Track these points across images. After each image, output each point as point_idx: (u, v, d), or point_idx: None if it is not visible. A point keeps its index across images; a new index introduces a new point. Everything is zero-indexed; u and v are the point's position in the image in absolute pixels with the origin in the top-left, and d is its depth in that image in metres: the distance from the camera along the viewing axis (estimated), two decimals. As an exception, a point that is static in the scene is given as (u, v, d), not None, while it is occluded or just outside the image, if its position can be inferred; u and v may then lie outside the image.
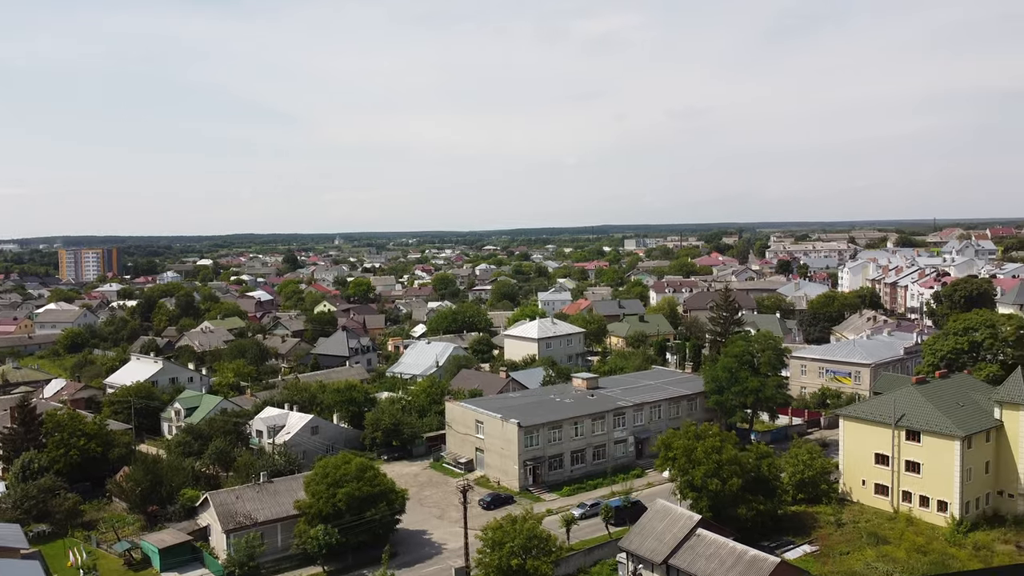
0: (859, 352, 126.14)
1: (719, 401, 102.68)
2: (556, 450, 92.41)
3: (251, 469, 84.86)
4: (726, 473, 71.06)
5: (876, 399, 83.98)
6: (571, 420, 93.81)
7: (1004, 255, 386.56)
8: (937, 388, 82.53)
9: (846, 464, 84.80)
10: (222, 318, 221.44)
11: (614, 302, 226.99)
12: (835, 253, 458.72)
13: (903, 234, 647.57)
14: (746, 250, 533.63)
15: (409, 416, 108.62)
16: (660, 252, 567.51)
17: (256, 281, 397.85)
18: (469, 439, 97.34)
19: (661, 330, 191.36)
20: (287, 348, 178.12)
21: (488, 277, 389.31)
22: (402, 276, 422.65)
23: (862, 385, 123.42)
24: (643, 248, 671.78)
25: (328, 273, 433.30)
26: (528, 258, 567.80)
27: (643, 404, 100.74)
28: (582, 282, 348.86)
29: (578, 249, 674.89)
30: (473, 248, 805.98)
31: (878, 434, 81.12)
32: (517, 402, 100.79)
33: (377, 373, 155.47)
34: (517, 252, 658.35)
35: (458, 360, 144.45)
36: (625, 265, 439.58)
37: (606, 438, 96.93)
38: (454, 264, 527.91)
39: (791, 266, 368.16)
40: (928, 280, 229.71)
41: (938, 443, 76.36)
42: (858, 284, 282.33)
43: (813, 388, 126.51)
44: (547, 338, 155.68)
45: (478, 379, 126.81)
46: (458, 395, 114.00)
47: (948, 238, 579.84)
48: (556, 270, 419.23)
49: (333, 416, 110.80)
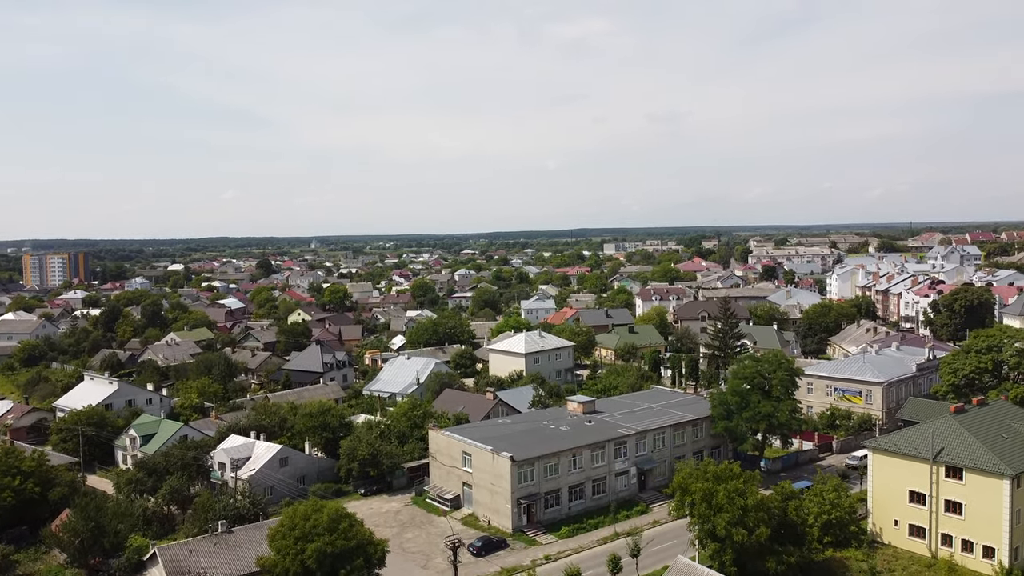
0: (869, 369, 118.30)
1: (728, 427, 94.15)
2: (552, 485, 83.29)
3: (210, 512, 74.88)
4: (752, 521, 62.37)
5: (910, 430, 75.78)
6: (568, 451, 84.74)
7: (988, 260, 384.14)
8: (977, 418, 74.48)
9: (876, 502, 76.47)
10: (189, 329, 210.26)
11: (601, 311, 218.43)
12: (818, 258, 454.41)
13: (883, 238, 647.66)
14: (728, 255, 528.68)
15: (388, 444, 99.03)
16: (641, 256, 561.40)
17: (228, 287, 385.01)
18: (455, 472, 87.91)
19: (652, 341, 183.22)
20: (257, 363, 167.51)
21: (468, 283, 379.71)
22: (379, 282, 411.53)
23: (873, 405, 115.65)
24: (623, 252, 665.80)
25: (303, 279, 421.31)
26: (507, 263, 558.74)
27: (646, 432, 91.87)
28: (564, 288, 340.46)
29: (557, 253, 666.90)
30: (451, 252, 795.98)
31: (913, 470, 72.83)
32: (507, 430, 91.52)
33: (353, 391, 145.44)
34: (496, 256, 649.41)
35: (440, 377, 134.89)
36: (607, 270, 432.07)
37: (606, 470, 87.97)
38: (432, 269, 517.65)
39: (776, 272, 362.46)
40: (922, 288, 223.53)
41: (984, 481, 68.17)
42: (848, 291, 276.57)
43: (821, 408, 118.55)
44: (534, 353, 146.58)
45: (463, 400, 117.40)
46: (442, 419, 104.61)
47: (929, 242, 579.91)
48: (537, 276, 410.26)
49: (305, 444, 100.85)
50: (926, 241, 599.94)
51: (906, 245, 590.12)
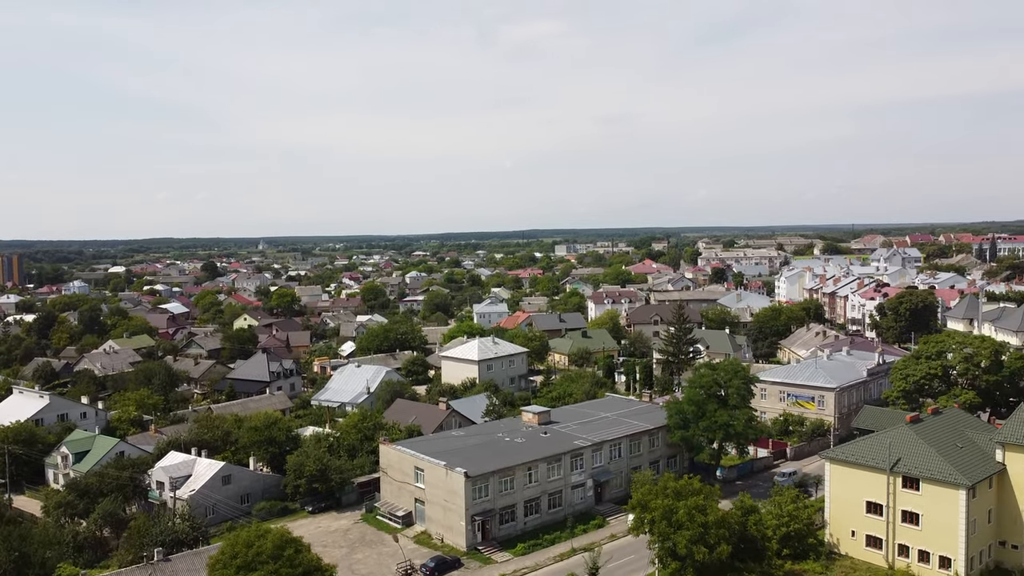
0: (822, 375, 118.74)
1: (685, 437, 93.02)
2: (508, 501, 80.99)
3: (146, 537, 70.73)
4: (713, 538, 60.97)
5: (867, 440, 75.42)
6: (524, 465, 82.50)
7: (928, 262, 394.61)
8: (933, 427, 74.45)
9: (833, 513, 75.91)
10: (129, 336, 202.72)
11: (554, 315, 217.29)
12: (766, 260, 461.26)
13: (827, 240, 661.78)
14: (678, 257, 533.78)
15: (337, 458, 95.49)
16: (592, 258, 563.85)
17: (171, 291, 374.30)
18: (407, 488, 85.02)
19: (606, 346, 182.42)
20: (201, 372, 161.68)
21: (419, 286, 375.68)
22: (329, 285, 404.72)
23: (826, 410, 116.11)
24: (574, 254, 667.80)
25: (250, 282, 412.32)
26: (459, 264, 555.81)
27: (602, 443, 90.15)
28: (517, 291, 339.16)
29: (508, 255, 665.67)
30: (402, 254, 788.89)
31: (870, 480, 72.41)
32: (461, 443, 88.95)
33: (301, 401, 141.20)
34: (447, 258, 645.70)
35: (392, 386, 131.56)
36: (559, 272, 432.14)
37: (563, 483, 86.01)
38: (383, 271, 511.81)
39: (725, 274, 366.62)
40: (868, 291, 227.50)
41: (940, 492, 67.98)
42: (796, 293, 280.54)
43: (774, 414, 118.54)
44: (488, 360, 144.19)
45: (415, 410, 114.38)
46: (393, 432, 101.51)
47: (871, 244, 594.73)
48: (489, 278, 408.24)
49: (250, 459, 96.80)
50: (868, 243, 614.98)
51: (849, 247, 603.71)
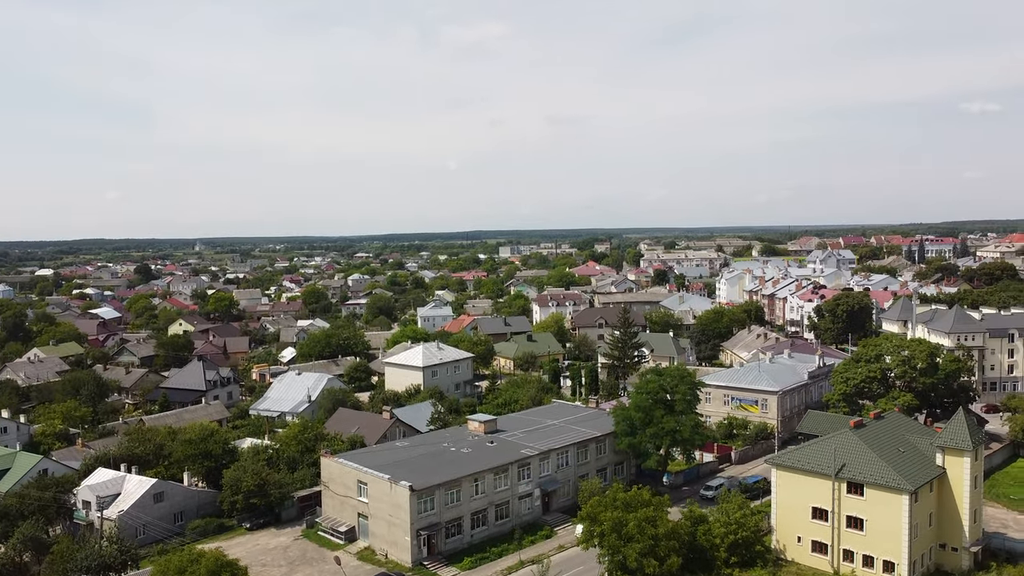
0: (765, 378, 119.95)
1: (632, 444, 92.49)
2: (454, 513, 79.13)
3: (70, 563, 66.74)
4: (663, 550, 60.40)
5: (813, 446, 75.87)
6: (471, 476, 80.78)
7: (861, 264, 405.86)
8: (876, 432, 75.26)
9: (779, 518, 76.16)
10: (56, 343, 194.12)
11: (499, 319, 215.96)
12: (706, 262, 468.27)
13: (765, 242, 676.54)
14: (620, 259, 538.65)
15: (277, 471, 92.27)
16: (536, 260, 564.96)
17: (103, 295, 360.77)
18: (350, 502, 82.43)
19: (551, 349, 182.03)
20: (132, 381, 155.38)
21: (362, 289, 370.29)
22: (269, 288, 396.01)
23: (769, 414, 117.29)
24: (518, 255, 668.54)
25: (186, 285, 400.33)
26: (402, 267, 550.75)
27: (549, 451, 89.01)
28: (461, 294, 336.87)
29: (453, 256, 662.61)
30: (345, 255, 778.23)
31: (816, 486, 72.79)
32: (405, 454, 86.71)
33: (239, 410, 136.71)
34: (391, 260, 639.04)
35: (334, 394, 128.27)
36: (503, 274, 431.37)
37: (510, 494, 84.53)
38: (325, 274, 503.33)
39: (667, 276, 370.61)
40: (806, 293, 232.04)
41: (884, 497, 68.63)
42: (736, 295, 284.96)
43: (719, 417, 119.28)
44: (433, 366, 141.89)
45: (358, 420, 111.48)
46: (335, 443, 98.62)
47: (807, 246, 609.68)
48: (433, 280, 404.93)
49: (184, 474, 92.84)
50: (804, 245, 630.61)
51: (787, 249, 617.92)
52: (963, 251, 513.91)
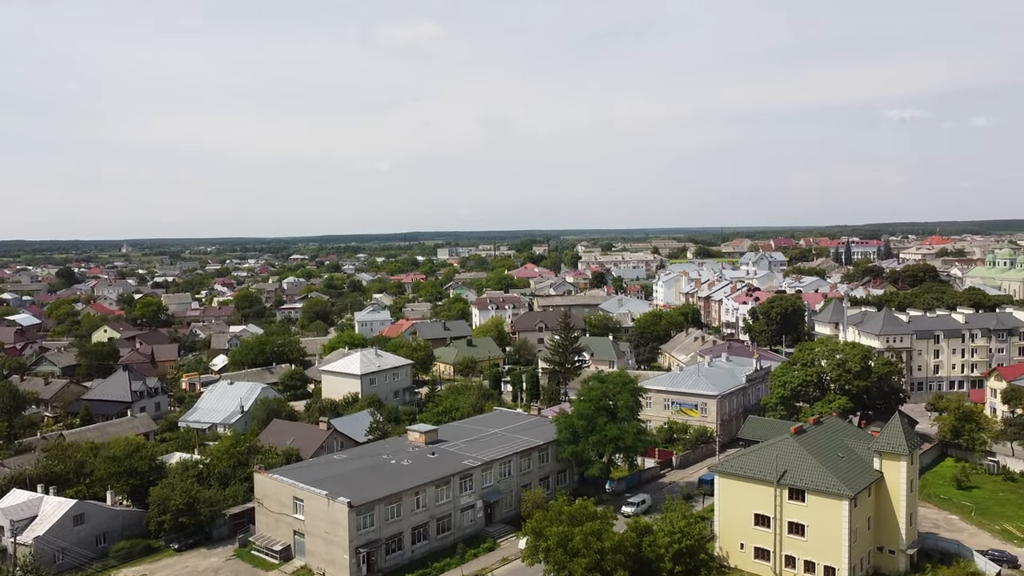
0: (704, 382, 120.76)
1: (575, 452, 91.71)
2: (394, 529, 76.82)
3: (-20, 594, 62.23)
4: (610, 564, 59.50)
5: (755, 453, 76.13)
6: (412, 490, 78.58)
7: (792, 265, 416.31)
8: (815, 437, 76.04)
9: (722, 525, 76.27)
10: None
11: (438, 323, 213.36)
12: (643, 264, 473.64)
13: (699, 244, 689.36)
14: (558, 261, 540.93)
15: (207, 487, 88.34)
16: (475, 262, 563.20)
17: (21, 300, 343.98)
18: (285, 520, 79.29)
19: (491, 354, 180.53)
20: (52, 392, 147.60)
21: (297, 292, 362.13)
22: (200, 292, 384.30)
23: (708, 417, 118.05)
24: (457, 257, 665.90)
25: (111, 289, 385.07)
26: (339, 269, 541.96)
27: (492, 462, 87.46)
28: (399, 297, 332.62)
29: (390, 259, 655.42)
30: (279, 257, 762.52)
31: (758, 492, 73.11)
32: (343, 468, 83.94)
33: (167, 423, 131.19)
34: (327, 262, 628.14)
35: (268, 404, 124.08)
36: (442, 277, 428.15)
37: (452, 506, 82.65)
38: (259, 277, 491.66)
39: (605, 278, 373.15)
40: (741, 295, 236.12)
41: (825, 503, 69.26)
42: (673, 297, 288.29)
43: (659, 422, 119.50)
44: (371, 373, 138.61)
45: (293, 431, 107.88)
46: (269, 456, 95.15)
47: (740, 248, 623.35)
48: (371, 283, 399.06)
49: (107, 493, 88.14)
50: (737, 247, 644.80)
51: (720, 251, 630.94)
52: (887, 253, 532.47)
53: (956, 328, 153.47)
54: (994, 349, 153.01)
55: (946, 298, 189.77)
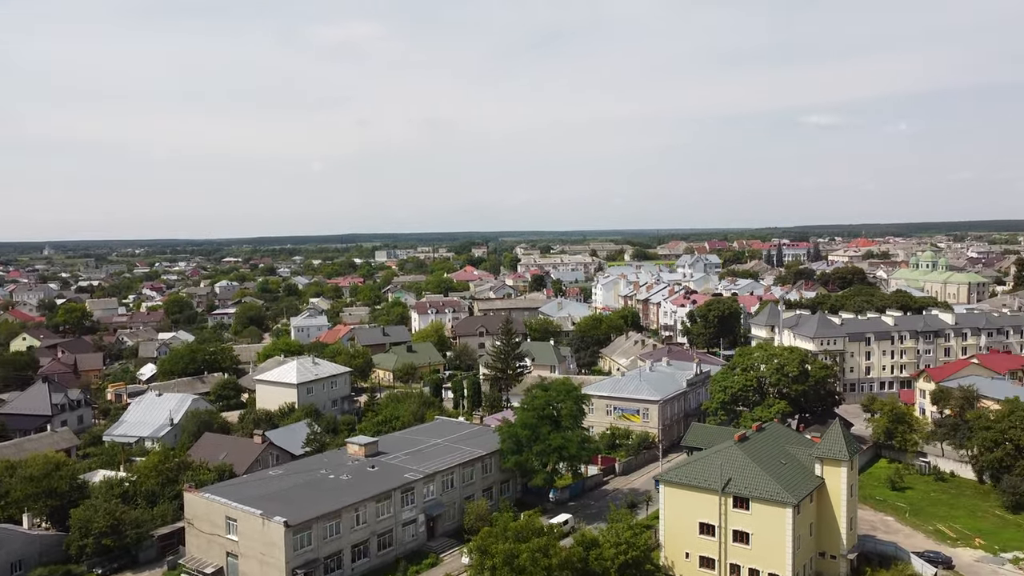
0: (646, 388, 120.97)
1: (519, 462, 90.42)
2: (333, 547, 74.14)
3: None
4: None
5: (699, 461, 75.91)
6: (351, 506, 76.02)
7: (726, 267, 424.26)
8: (758, 445, 76.25)
9: (667, 535, 75.81)
10: None
11: (377, 329, 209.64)
12: (581, 266, 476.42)
13: (635, 246, 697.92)
14: (498, 263, 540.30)
15: (134, 507, 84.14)
16: (414, 265, 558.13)
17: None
18: (218, 541, 75.76)
19: (432, 360, 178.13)
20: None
21: (231, 297, 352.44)
22: (127, 297, 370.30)
23: (650, 423, 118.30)
24: (395, 260, 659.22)
25: (32, 294, 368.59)
26: (274, 272, 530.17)
27: (434, 474, 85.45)
28: (337, 302, 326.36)
29: (327, 261, 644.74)
30: (211, 260, 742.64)
31: (703, 501, 72.82)
32: (279, 484, 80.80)
33: (91, 437, 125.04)
34: (261, 265, 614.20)
35: (199, 416, 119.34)
36: (380, 280, 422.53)
37: (393, 521, 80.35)
38: (189, 280, 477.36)
39: (544, 281, 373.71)
40: (679, 298, 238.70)
41: (769, 511, 69.33)
42: (612, 300, 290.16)
43: (601, 428, 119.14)
44: (308, 382, 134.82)
45: (226, 445, 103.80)
46: (201, 472, 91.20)
47: (675, 250, 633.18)
48: (307, 287, 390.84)
49: (24, 516, 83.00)
50: (673, 249, 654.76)
51: (656, 253, 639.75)
52: (816, 255, 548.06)
53: (886, 330, 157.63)
54: (921, 350, 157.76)
55: (875, 300, 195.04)
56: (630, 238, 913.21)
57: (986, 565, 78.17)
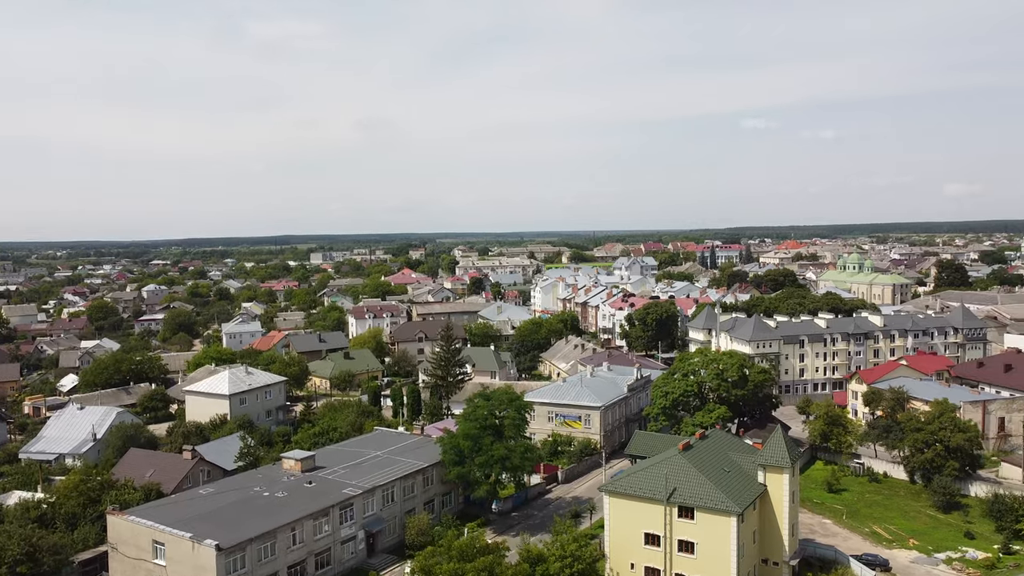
0: (587, 394, 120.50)
1: (461, 474, 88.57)
2: (269, 570, 70.93)
3: None
4: (503, 600, 56.57)
5: (644, 471, 75.34)
6: (288, 526, 73.00)
7: (662, 269, 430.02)
8: (702, 453, 76.13)
9: (612, 545, 75.01)
10: None
11: (314, 335, 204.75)
12: (520, 269, 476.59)
13: (573, 248, 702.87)
14: (436, 266, 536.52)
15: (52, 531, 79.23)
16: (350, 267, 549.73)
17: None
18: (144, 566, 71.76)
19: (370, 367, 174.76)
20: None
21: (159, 302, 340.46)
22: (47, 302, 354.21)
23: (592, 429, 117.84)
24: (331, 262, 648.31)
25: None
26: (205, 276, 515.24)
27: (374, 488, 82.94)
28: (271, 306, 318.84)
29: (261, 264, 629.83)
30: (138, 263, 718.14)
31: (648, 511, 72.25)
32: (210, 504, 77.11)
33: (6, 454, 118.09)
34: (191, 268, 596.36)
35: (125, 430, 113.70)
36: (316, 284, 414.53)
37: (331, 539, 77.58)
38: (115, 285, 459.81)
39: (483, 283, 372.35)
40: (617, 301, 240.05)
41: (714, 520, 69.20)
42: (550, 303, 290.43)
43: (543, 435, 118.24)
44: (241, 393, 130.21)
45: (154, 461, 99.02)
46: (126, 492, 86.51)
47: (612, 252, 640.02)
48: (240, 291, 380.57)
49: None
50: (609, 251, 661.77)
51: (593, 255, 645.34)
52: (748, 257, 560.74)
53: (819, 333, 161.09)
54: (852, 352, 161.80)
55: (807, 303, 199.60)
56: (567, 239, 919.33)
57: (921, 566, 79.83)
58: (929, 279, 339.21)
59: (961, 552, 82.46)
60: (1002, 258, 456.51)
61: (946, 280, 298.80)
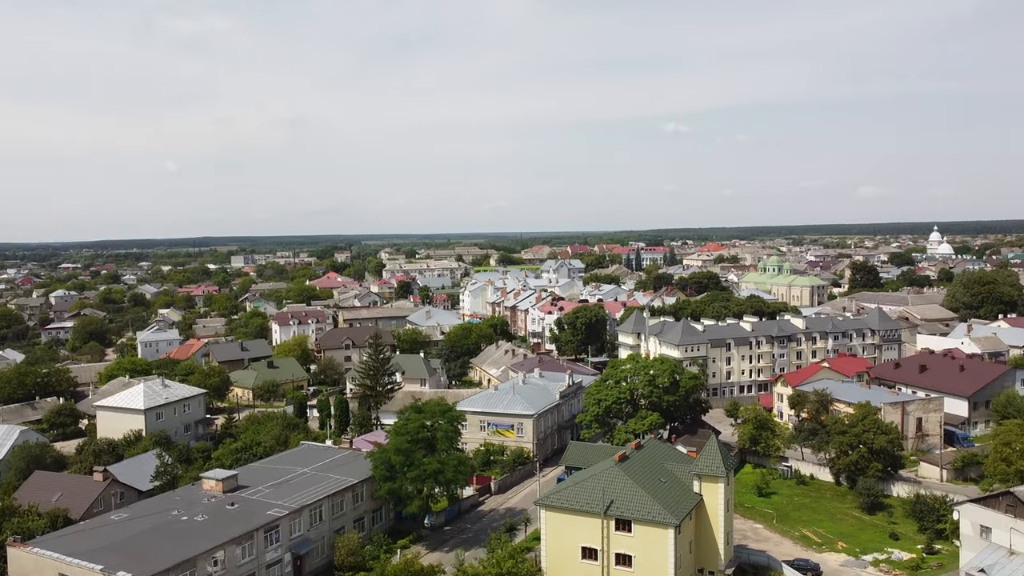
0: (520, 402, 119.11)
1: (392, 490, 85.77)
2: (188, 600, 67.00)
3: None
4: (439, 626, 54.37)
5: (580, 484, 74.15)
6: (208, 552, 68.97)
7: (589, 272, 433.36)
8: (638, 464, 75.46)
9: (549, 560, 73.59)
10: None
11: (235, 344, 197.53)
12: (448, 271, 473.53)
13: (500, 250, 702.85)
14: (362, 269, 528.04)
15: (-54, 565, 73.06)
16: (273, 271, 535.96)
17: None
18: (50, 601, 66.76)
19: (295, 376, 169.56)
20: None
21: (68, 308, 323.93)
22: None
23: (524, 437, 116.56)
24: (253, 265, 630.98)
25: None
26: (118, 280, 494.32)
27: (302, 508, 79.39)
28: (190, 312, 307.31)
29: (178, 268, 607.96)
30: (46, 266, 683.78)
31: (585, 525, 71.13)
32: (124, 531, 72.26)
33: None
34: (104, 272, 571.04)
35: (28, 450, 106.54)
36: (237, 288, 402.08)
37: (256, 564, 73.75)
38: (20, 290, 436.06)
39: (411, 287, 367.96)
40: (546, 305, 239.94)
41: (651, 532, 68.52)
42: (479, 307, 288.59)
43: (475, 444, 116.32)
44: (157, 407, 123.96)
45: (61, 484, 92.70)
46: (30, 519, 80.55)
47: (539, 255, 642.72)
48: (157, 297, 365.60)
49: None
50: (536, 253, 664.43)
51: (521, 257, 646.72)
52: (672, 259, 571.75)
53: (744, 336, 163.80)
54: (777, 355, 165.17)
55: (731, 306, 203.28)
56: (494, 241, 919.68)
57: (850, 569, 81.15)
58: (844, 280, 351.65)
59: (887, 553, 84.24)
60: (910, 259, 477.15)
61: (860, 281, 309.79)
